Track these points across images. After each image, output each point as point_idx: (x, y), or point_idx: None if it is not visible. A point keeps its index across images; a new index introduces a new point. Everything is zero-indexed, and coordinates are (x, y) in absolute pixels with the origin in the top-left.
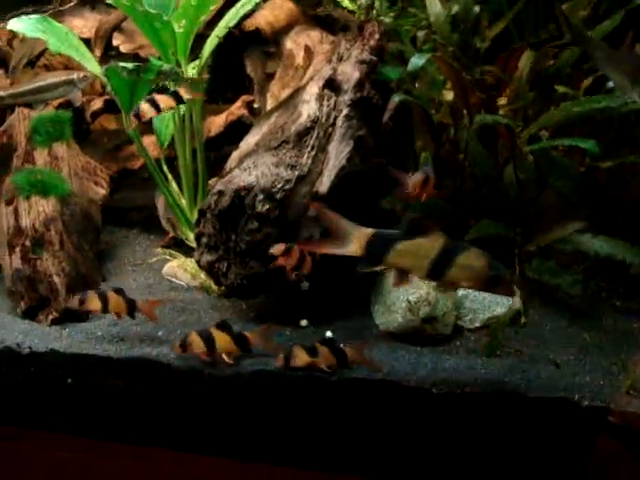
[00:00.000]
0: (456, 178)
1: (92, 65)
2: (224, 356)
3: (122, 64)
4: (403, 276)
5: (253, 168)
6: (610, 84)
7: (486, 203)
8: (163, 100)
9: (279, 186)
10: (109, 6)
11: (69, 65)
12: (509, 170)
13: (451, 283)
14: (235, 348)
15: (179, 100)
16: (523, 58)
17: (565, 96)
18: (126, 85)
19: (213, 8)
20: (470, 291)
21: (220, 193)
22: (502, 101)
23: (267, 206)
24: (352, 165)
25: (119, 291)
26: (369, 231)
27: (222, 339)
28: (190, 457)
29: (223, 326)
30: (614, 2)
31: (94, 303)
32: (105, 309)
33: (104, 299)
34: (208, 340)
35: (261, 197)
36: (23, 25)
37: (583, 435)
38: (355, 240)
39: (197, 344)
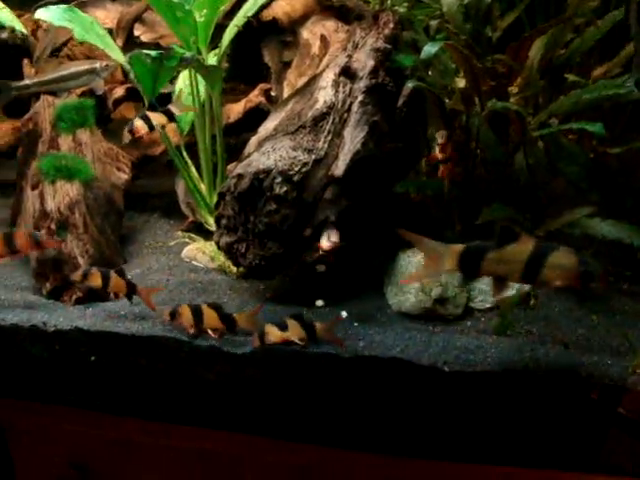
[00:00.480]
0: (467, 164)
1: (116, 54)
2: (209, 331)
3: (146, 51)
4: (501, 284)
5: (271, 152)
6: None
7: (497, 188)
8: (155, 117)
9: (296, 169)
10: None
11: (91, 55)
12: (519, 156)
13: (546, 284)
14: (221, 326)
15: (171, 117)
16: (534, 47)
17: (575, 84)
18: (149, 72)
19: None
20: None
21: (239, 176)
22: (513, 89)
23: (285, 188)
24: (367, 149)
25: (121, 272)
26: (460, 247)
27: (210, 316)
28: (205, 432)
29: (214, 306)
30: None
31: (95, 280)
32: (105, 288)
33: (105, 278)
34: (197, 314)
35: (279, 180)
36: (50, 14)
37: (592, 412)
38: (448, 257)
39: (186, 316)
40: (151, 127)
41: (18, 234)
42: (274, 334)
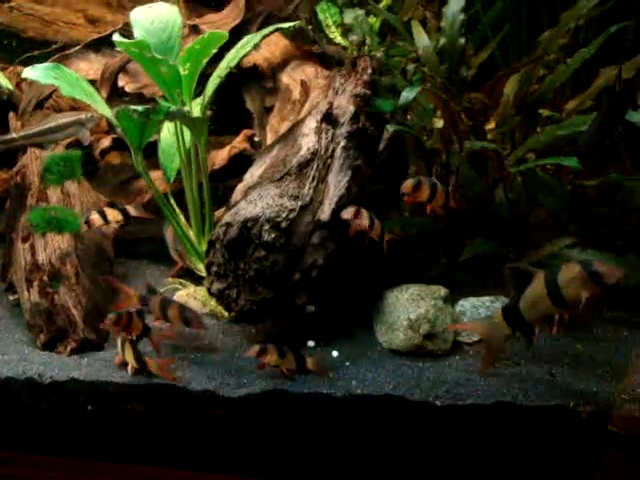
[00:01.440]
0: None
1: (102, 107)
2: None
3: (133, 107)
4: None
5: (258, 200)
6: None
7: (479, 222)
8: (111, 213)
9: (284, 216)
10: (113, 49)
11: (75, 106)
12: (499, 191)
13: (576, 302)
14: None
15: (126, 215)
16: (508, 84)
17: (550, 119)
18: (136, 126)
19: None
20: (469, 308)
21: (228, 225)
22: (490, 125)
23: (273, 235)
24: (350, 193)
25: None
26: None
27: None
28: (210, 477)
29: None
30: (592, 30)
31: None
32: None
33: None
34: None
35: (267, 227)
36: (37, 73)
37: (580, 440)
38: (498, 325)
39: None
40: (106, 221)
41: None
42: (273, 357)
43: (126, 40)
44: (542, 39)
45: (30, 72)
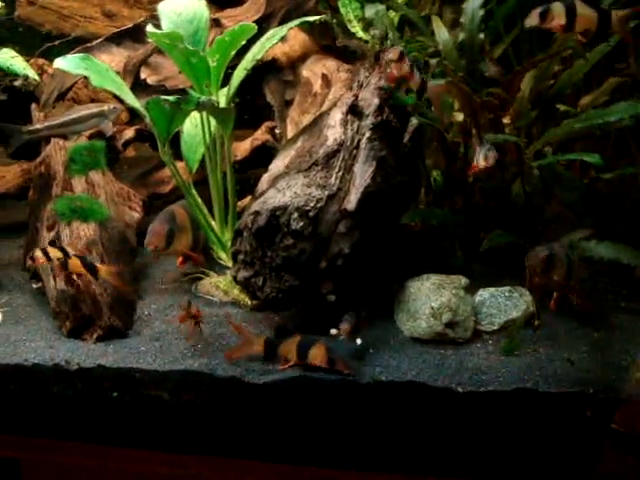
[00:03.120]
0: (466, 193)
1: (130, 98)
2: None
3: (164, 97)
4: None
5: (287, 189)
6: None
7: (495, 215)
8: (53, 251)
9: (311, 205)
10: (134, 42)
11: (95, 97)
12: (517, 184)
13: None
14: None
15: (65, 254)
16: (525, 80)
17: (566, 114)
18: (165, 117)
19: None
20: (488, 297)
21: (256, 213)
22: (505, 120)
23: (301, 223)
24: (375, 183)
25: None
26: None
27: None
28: (233, 463)
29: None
30: None
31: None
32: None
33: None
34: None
35: (296, 215)
36: (67, 63)
37: (598, 425)
38: None
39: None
40: (49, 258)
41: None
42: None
43: (159, 31)
44: (558, 35)
45: (61, 62)
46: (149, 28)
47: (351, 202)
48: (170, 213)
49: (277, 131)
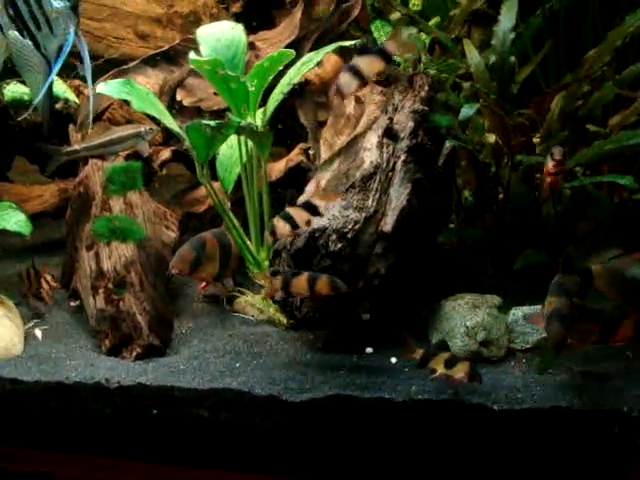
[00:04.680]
0: (497, 212)
1: (169, 121)
2: None
3: (205, 121)
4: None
5: (325, 211)
6: None
7: (526, 234)
8: None
9: (349, 227)
10: (169, 64)
11: (130, 118)
12: (548, 203)
13: None
14: None
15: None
16: (555, 101)
17: (596, 134)
18: (204, 140)
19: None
20: (521, 316)
21: (296, 235)
22: (535, 139)
23: (339, 245)
24: (411, 205)
25: None
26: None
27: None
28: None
29: None
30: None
31: None
32: None
33: None
34: None
35: (334, 237)
36: (109, 88)
37: (634, 443)
38: None
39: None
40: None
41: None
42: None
43: (201, 58)
44: (588, 57)
45: (104, 88)
46: (191, 55)
47: (388, 224)
48: (201, 240)
49: (311, 152)
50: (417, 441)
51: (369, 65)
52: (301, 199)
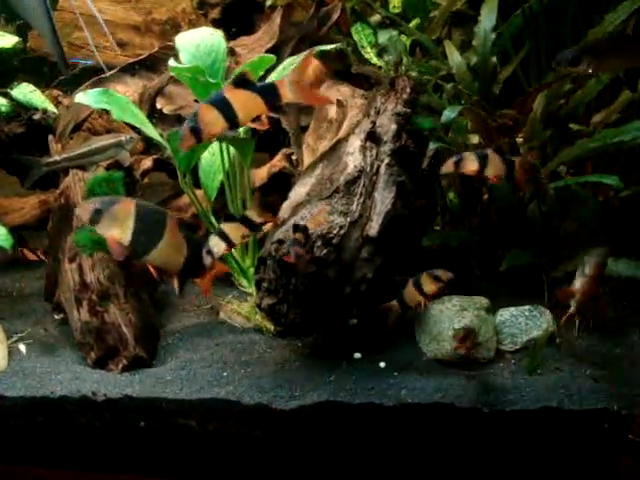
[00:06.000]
0: (482, 213)
1: (150, 130)
2: None
3: None
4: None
5: (309, 217)
6: None
7: (511, 234)
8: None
9: (335, 232)
10: (148, 72)
11: (110, 127)
12: (533, 204)
13: None
14: None
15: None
16: (537, 100)
17: (579, 133)
18: None
19: None
20: (509, 317)
21: (280, 241)
22: (518, 139)
23: (325, 251)
24: (396, 208)
25: None
26: None
27: None
28: None
29: None
30: None
31: None
32: None
33: None
34: None
35: (319, 243)
36: (89, 98)
37: (623, 441)
38: None
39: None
40: None
41: None
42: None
43: (181, 65)
44: None
45: (83, 97)
46: (171, 62)
47: (373, 228)
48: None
49: (294, 157)
50: (408, 445)
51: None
52: (284, 206)
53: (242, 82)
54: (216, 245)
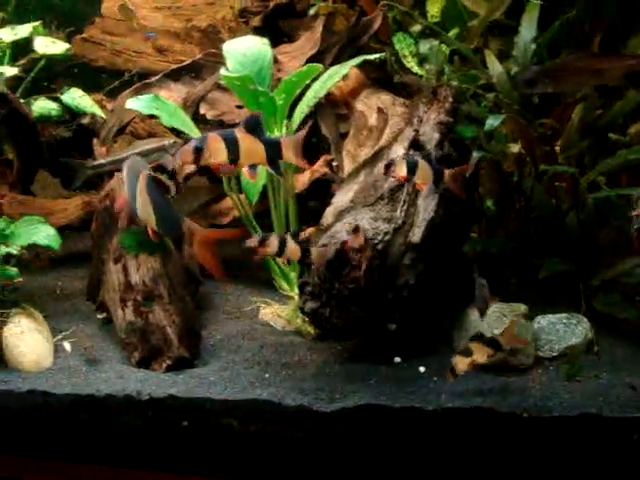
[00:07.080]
0: (520, 221)
1: (197, 135)
2: None
3: None
4: None
5: (354, 223)
6: None
7: (550, 243)
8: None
9: (379, 238)
10: (191, 78)
11: (152, 131)
12: (571, 213)
13: None
14: None
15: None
16: (575, 110)
17: (616, 144)
18: None
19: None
20: (546, 324)
21: (325, 246)
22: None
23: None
24: (438, 216)
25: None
26: None
27: None
28: None
29: None
30: None
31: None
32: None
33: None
34: None
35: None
36: (139, 104)
37: None
38: None
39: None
40: None
41: None
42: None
43: (232, 74)
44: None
45: (134, 103)
46: (222, 71)
47: (416, 235)
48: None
49: (334, 163)
50: (448, 449)
51: None
52: (328, 211)
53: (254, 127)
54: (292, 252)
